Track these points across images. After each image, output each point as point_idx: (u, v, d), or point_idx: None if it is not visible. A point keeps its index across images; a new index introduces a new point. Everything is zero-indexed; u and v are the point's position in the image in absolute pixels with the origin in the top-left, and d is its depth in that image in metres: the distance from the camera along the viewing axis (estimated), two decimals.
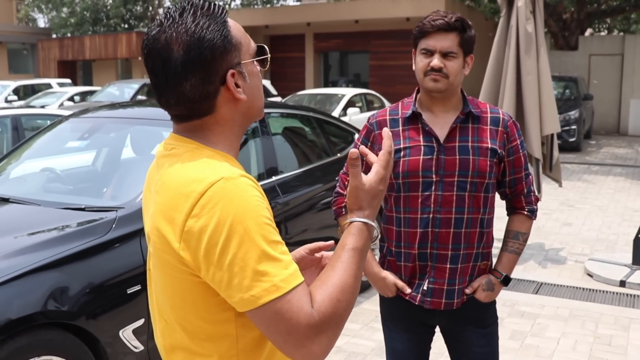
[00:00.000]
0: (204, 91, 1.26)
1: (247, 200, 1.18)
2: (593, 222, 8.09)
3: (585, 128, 15.99)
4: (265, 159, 4.45)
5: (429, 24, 2.21)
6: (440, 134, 2.27)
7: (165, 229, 1.22)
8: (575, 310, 5.02)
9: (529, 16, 5.89)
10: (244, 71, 1.30)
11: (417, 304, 2.34)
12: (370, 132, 2.38)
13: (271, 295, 1.15)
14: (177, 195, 1.21)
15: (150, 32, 1.28)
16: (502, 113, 2.36)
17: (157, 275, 1.32)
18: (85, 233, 3.03)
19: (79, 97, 18.55)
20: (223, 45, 1.25)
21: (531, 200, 2.43)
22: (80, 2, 33.39)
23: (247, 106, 1.33)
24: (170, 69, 1.24)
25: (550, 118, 5.99)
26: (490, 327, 2.42)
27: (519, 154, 2.36)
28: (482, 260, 2.37)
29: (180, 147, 1.31)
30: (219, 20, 1.26)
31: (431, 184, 2.25)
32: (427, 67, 2.22)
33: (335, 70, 24.22)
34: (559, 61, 18.77)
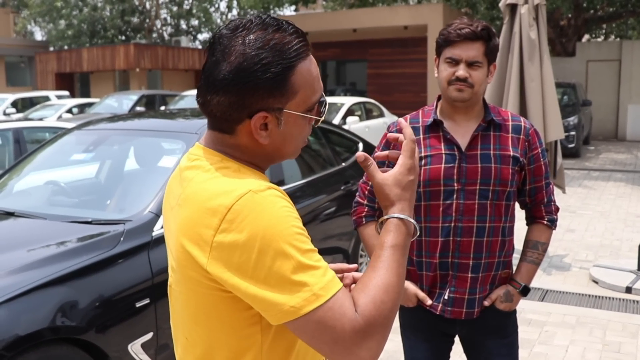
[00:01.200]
0: (227, 114, 1.23)
1: (277, 212, 1.16)
2: (596, 228, 8.07)
3: (584, 134, 16.00)
4: (272, 169, 4.43)
5: (454, 32, 2.18)
6: (462, 142, 2.25)
7: (190, 245, 1.19)
8: (582, 317, 5.00)
9: (532, 23, 5.89)
10: (282, 118, 1.24)
11: (437, 313, 2.32)
12: (390, 141, 2.36)
13: (312, 305, 1.13)
14: (202, 210, 1.18)
15: (223, 29, 1.25)
16: (524, 121, 2.34)
17: (179, 291, 1.29)
18: (93, 247, 3.00)
19: (77, 109, 18.54)
20: (269, 87, 1.20)
21: (551, 210, 2.40)
22: (77, 15, 33.42)
23: (273, 149, 1.28)
24: (212, 75, 1.22)
25: (554, 125, 5.99)
26: (511, 337, 2.40)
27: (540, 162, 2.33)
28: (504, 269, 2.35)
29: (205, 158, 1.28)
30: (284, 63, 1.20)
31: (453, 192, 2.23)
32: (451, 76, 2.20)
33: (332, 79, 24.26)
34: (557, 67, 18.78)
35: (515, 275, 2.37)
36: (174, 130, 4.22)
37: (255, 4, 18.17)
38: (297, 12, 26.25)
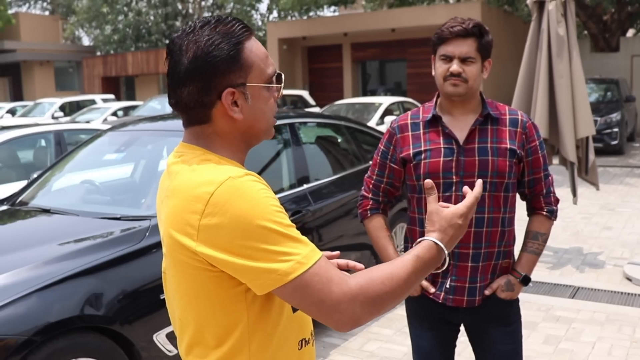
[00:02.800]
0: (199, 100, 1.36)
1: (256, 194, 1.29)
2: (634, 225, 7.95)
3: (628, 130, 15.69)
4: (297, 168, 4.54)
5: (447, 30, 2.27)
6: (460, 136, 2.33)
7: (178, 230, 1.31)
8: (612, 315, 4.96)
9: (560, 19, 5.87)
10: (247, 92, 1.38)
11: (440, 301, 2.40)
12: (392, 136, 2.46)
13: (297, 271, 1.26)
14: (188, 198, 1.31)
15: (173, 36, 1.41)
16: (521, 114, 2.41)
17: (171, 275, 1.41)
18: (121, 241, 3.15)
19: (122, 112, 19.00)
20: (227, 63, 1.35)
21: (550, 201, 2.46)
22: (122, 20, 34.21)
23: (247, 125, 1.41)
24: (176, 72, 1.36)
25: (584, 121, 5.94)
26: (513, 325, 2.46)
27: (537, 154, 2.40)
28: (504, 259, 2.41)
29: (188, 154, 1.41)
30: (232, 40, 1.36)
31: (452, 184, 2.31)
32: (446, 72, 2.28)
33: (374, 79, 24.27)
34: (600, 63, 18.48)
35: (516, 265, 2.44)
36: None
37: (294, 6, 18.33)
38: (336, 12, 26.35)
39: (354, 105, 14.35)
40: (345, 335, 4.58)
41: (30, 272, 2.85)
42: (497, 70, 18.02)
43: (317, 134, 5.53)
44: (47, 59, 35.02)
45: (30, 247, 3.18)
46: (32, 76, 35.03)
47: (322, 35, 21.85)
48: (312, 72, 23.67)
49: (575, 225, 8.02)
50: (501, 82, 18.00)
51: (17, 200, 4.14)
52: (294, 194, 4.39)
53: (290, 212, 4.18)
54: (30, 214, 3.85)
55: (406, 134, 2.41)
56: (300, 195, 4.41)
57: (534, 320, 4.85)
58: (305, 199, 4.42)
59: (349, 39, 22.16)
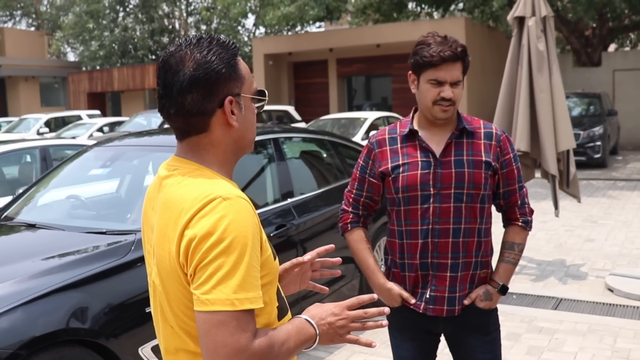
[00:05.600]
0: (202, 107, 1.41)
1: (238, 220, 1.33)
2: (616, 237, 8.05)
3: (611, 144, 15.87)
4: (281, 182, 4.58)
5: (437, 56, 2.28)
6: (437, 149, 2.39)
7: (169, 241, 1.37)
8: (594, 325, 5.02)
9: (540, 35, 5.99)
10: (242, 103, 1.46)
11: (421, 312, 2.45)
12: (371, 151, 2.51)
13: (223, 306, 1.28)
14: (179, 210, 1.36)
15: (168, 49, 1.46)
16: (495, 128, 2.48)
17: (162, 286, 1.44)
18: (106, 255, 3.18)
19: (108, 127, 18.98)
20: (228, 72, 1.42)
21: (525, 212, 2.53)
22: (108, 35, 34.21)
23: (239, 135, 1.47)
24: (177, 81, 1.41)
25: (565, 134, 6.04)
26: (492, 334, 2.52)
27: (512, 166, 2.47)
28: (482, 269, 2.48)
29: (182, 168, 1.46)
30: (230, 52, 1.43)
31: (429, 196, 2.37)
32: (437, 96, 2.33)
33: (360, 94, 24.40)
34: (582, 78, 18.72)
35: (494, 275, 2.50)
36: None
37: (280, 22, 18.45)
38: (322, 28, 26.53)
39: (340, 121, 14.44)
40: (330, 348, 4.61)
41: (16, 286, 2.87)
42: (482, 86, 18.19)
43: (302, 149, 5.58)
44: (32, 74, 34.91)
45: (15, 261, 3.20)
46: (17, 92, 34.88)
47: (307, 50, 21.98)
48: (298, 87, 23.78)
49: (559, 237, 8.10)
50: (486, 97, 18.16)
51: (3, 216, 4.15)
52: (279, 208, 4.43)
53: (274, 226, 4.22)
54: (15, 229, 3.86)
55: (384, 149, 2.46)
56: (285, 209, 4.46)
57: (517, 332, 4.91)
58: (289, 213, 4.46)
59: (334, 54, 22.30)
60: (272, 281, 1.46)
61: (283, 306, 1.54)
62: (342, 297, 4.96)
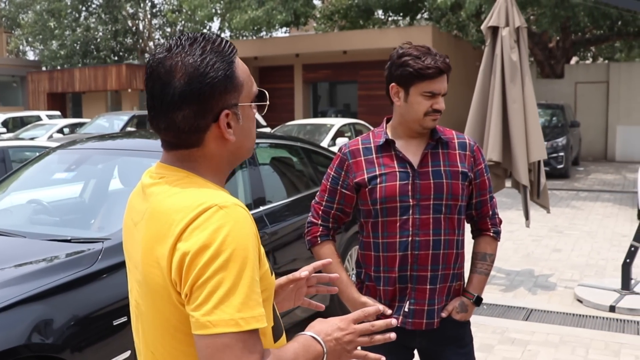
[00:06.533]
0: (195, 124, 1.27)
1: (237, 231, 1.20)
2: (582, 247, 8.11)
3: (573, 155, 16.11)
4: (253, 189, 4.46)
5: (434, 68, 2.26)
6: (414, 160, 2.35)
7: (159, 256, 1.23)
8: (565, 336, 5.01)
9: (514, 45, 5.98)
10: (239, 113, 1.31)
11: (399, 325, 2.38)
12: (343, 162, 2.44)
13: (227, 328, 1.15)
14: (169, 222, 1.22)
15: (156, 55, 1.30)
16: (468, 138, 2.47)
17: (147, 306, 1.31)
18: (71, 265, 3.01)
19: (69, 129, 18.57)
20: (224, 84, 1.27)
21: (496, 222, 2.53)
22: (70, 35, 33.52)
23: (236, 146, 1.34)
24: (167, 95, 1.26)
25: (536, 145, 6.05)
26: (468, 346, 2.50)
27: (484, 177, 2.46)
28: (457, 281, 2.46)
29: (170, 175, 1.32)
30: (226, 59, 1.28)
31: (408, 208, 2.32)
32: (429, 108, 2.30)
33: (325, 100, 24.36)
34: (546, 89, 18.99)
35: (468, 287, 2.49)
36: (159, 150, 4.24)
37: (246, 26, 18.29)
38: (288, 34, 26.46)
39: (306, 127, 14.33)
40: None
41: None
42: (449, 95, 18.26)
43: (273, 155, 5.46)
44: None
45: None
46: None
47: (273, 55, 21.85)
48: None
49: (526, 247, 8.13)
50: (452, 107, 18.26)
51: None
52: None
53: None
54: None
55: (359, 159, 2.39)
56: (257, 218, 4.33)
57: (489, 343, 4.86)
58: (261, 221, 4.34)
59: (300, 60, 22.22)
60: (268, 298, 1.33)
61: (278, 326, 1.41)
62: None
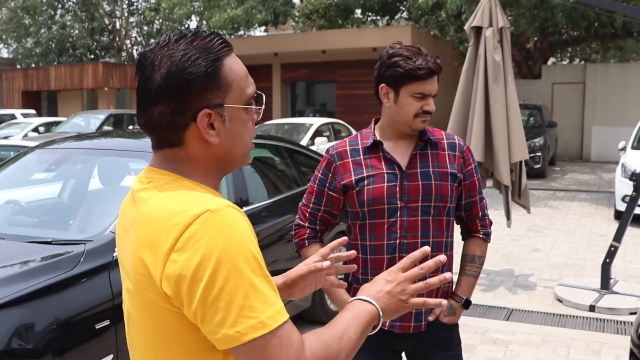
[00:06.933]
0: (171, 121, 1.23)
1: (233, 234, 1.15)
2: (561, 247, 8.18)
3: (549, 155, 16.26)
4: (236, 189, 4.41)
5: (426, 69, 2.22)
6: (402, 161, 2.33)
7: (148, 264, 1.18)
8: (546, 336, 5.04)
9: (497, 45, 6.00)
10: (225, 114, 1.25)
11: (386, 329, 2.37)
12: (331, 163, 2.40)
13: (257, 332, 1.11)
14: (159, 229, 1.17)
15: (145, 49, 1.28)
16: (457, 139, 2.44)
17: (138, 315, 1.26)
18: (52, 267, 2.94)
19: (44, 127, 18.31)
20: (204, 82, 1.22)
21: (486, 224, 2.51)
22: (45, 32, 33.07)
23: (223, 150, 1.28)
24: (146, 90, 1.23)
25: (518, 145, 6.08)
26: (456, 348, 2.48)
27: (473, 177, 2.44)
28: (445, 283, 2.40)
29: (158, 179, 1.27)
30: (211, 57, 1.23)
31: (396, 210, 2.29)
32: (419, 109, 2.27)
33: (302, 100, 24.31)
34: (523, 89, 19.13)
35: (457, 290, 2.47)
36: (138, 149, 4.18)
37: (225, 25, 18.17)
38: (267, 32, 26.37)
39: (284, 126, 14.27)
40: None
41: None
42: None
43: (256, 155, 5.41)
44: None
45: None
46: None
47: (252, 54, 21.75)
48: None
49: (505, 247, 8.18)
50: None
51: None
52: None
53: None
54: None
55: (346, 161, 2.36)
56: None
57: (472, 343, 4.87)
58: None
59: (279, 59, 22.16)
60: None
61: None
62: (295, 307, 4.82)
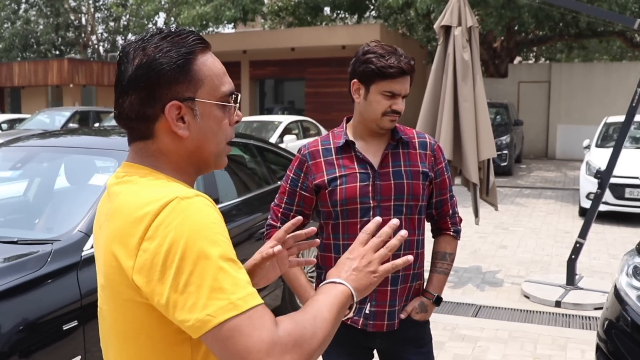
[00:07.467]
0: (141, 112, 1.25)
1: (203, 219, 1.15)
2: (527, 244, 8.30)
3: (516, 152, 16.49)
4: (206, 188, 4.38)
5: (397, 67, 2.23)
6: (374, 160, 2.34)
7: (119, 256, 1.17)
8: (514, 332, 5.11)
9: (465, 44, 6.06)
10: (197, 109, 1.26)
11: (359, 327, 2.38)
12: (303, 163, 2.40)
13: (228, 313, 1.09)
14: (130, 220, 1.17)
15: (123, 45, 1.30)
16: (428, 137, 2.46)
17: (108, 309, 1.26)
18: (17, 268, 2.88)
19: (7, 125, 17.98)
20: (174, 73, 1.23)
21: (456, 221, 2.54)
22: (9, 28, 32.46)
23: (195, 146, 1.28)
24: (120, 80, 1.26)
25: (486, 143, 6.14)
26: (427, 346, 2.51)
27: (444, 176, 2.46)
28: (417, 281, 2.46)
29: (132, 173, 1.28)
30: (183, 50, 1.25)
31: (369, 209, 2.31)
32: (388, 108, 2.27)
33: (270, 98, 24.25)
34: (490, 88, 19.32)
35: (428, 287, 2.49)
36: (106, 147, 4.13)
37: (194, 21, 18.03)
38: (235, 29, 26.23)
39: (253, 124, 14.21)
40: None
41: None
42: None
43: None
44: None
45: None
46: None
47: (220, 52, 21.58)
48: None
49: (473, 244, 8.27)
50: None
51: None
52: None
53: None
54: None
55: (318, 160, 2.37)
56: None
57: (441, 340, 4.91)
58: None
59: (247, 56, 22.07)
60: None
61: None
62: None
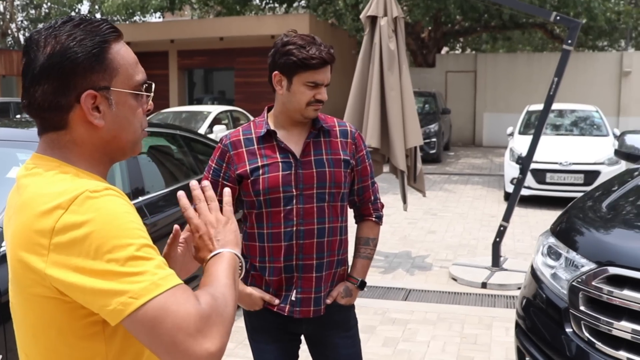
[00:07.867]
0: (54, 102, 1.21)
1: (115, 209, 1.14)
2: (455, 229, 8.51)
3: (444, 140, 16.85)
4: (131, 179, 4.30)
5: (318, 58, 2.24)
6: (296, 149, 2.36)
7: (25, 251, 1.15)
8: (442, 314, 5.24)
9: (391, 35, 6.14)
10: (112, 98, 1.25)
11: (286, 314, 2.41)
12: (224, 153, 2.39)
13: (151, 292, 1.09)
14: (38, 214, 1.14)
15: (31, 33, 1.26)
16: (349, 125, 2.50)
17: (17, 304, 1.23)
18: None
19: None
20: (89, 62, 1.21)
21: (378, 207, 2.60)
22: None
23: (111, 135, 1.27)
24: (30, 70, 1.22)
25: (413, 132, 6.25)
26: (353, 329, 2.55)
27: (365, 163, 2.51)
28: (341, 267, 2.50)
29: (42, 165, 1.24)
30: (97, 39, 1.23)
31: (292, 198, 2.33)
32: (311, 98, 2.29)
33: (200, 88, 23.94)
34: (419, 77, 19.69)
35: (352, 272, 2.54)
36: (26, 139, 3.99)
37: (119, 10, 17.60)
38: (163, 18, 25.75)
39: (182, 114, 14.01)
40: None
41: None
42: None
43: (151, 144, 5.30)
44: None
45: None
46: None
47: (147, 41, 21.17)
48: None
49: (403, 230, 8.42)
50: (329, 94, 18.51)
51: None
52: None
53: None
54: None
55: (240, 150, 2.36)
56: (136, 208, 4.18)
57: (371, 324, 5.00)
58: (141, 211, 4.20)
59: (175, 46, 21.68)
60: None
61: None
62: None
